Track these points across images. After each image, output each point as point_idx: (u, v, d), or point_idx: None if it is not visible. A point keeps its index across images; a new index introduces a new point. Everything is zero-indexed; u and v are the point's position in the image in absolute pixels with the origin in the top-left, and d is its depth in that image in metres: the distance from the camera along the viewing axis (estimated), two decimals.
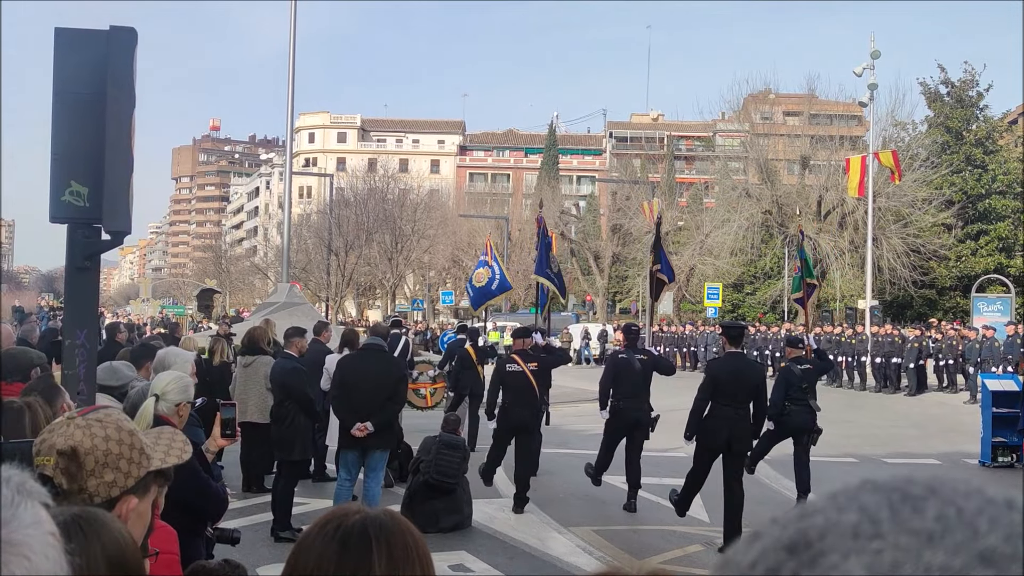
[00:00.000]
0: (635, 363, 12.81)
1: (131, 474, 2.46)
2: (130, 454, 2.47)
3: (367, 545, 1.65)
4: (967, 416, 22.44)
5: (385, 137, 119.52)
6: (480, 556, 10.17)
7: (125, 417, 2.62)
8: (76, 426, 2.46)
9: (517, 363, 12.66)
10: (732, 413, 11.01)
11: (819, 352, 14.44)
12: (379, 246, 69.43)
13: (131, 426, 2.56)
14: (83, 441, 2.42)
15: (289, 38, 29.89)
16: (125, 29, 5.65)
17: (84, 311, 6.03)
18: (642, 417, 12.65)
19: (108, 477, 2.42)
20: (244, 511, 11.72)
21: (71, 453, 2.40)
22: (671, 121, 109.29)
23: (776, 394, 12.64)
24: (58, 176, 5.67)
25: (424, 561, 1.72)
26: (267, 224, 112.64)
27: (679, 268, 58.89)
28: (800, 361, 13.34)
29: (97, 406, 2.90)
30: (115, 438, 2.46)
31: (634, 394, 12.68)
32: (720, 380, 11.14)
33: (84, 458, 2.40)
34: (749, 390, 11.15)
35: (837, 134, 55.68)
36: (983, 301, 39.97)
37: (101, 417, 2.51)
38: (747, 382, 11.17)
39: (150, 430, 2.79)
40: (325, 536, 1.67)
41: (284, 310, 24.85)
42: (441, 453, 11.45)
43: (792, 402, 12.78)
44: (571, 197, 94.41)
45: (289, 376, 11.27)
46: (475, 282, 18.20)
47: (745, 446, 11.32)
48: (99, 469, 2.41)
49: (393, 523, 1.71)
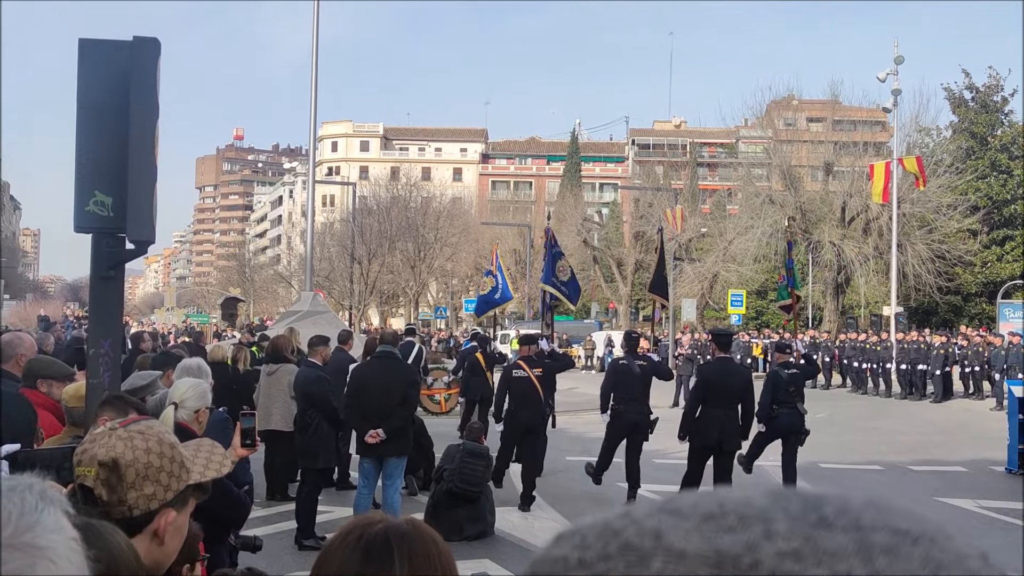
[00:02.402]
0: (634, 368, 13.32)
1: (171, 487, 2.46)
2: (171, 467, 2.47)
3: (389, 553, 1.65)
4: (993, 423, 22.26)
5: (407, 145, 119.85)
6: (504, 564, 10.15)
7: (167, 430, 2.62)
8: (118, 437, 2.45)
9: (523, 368, 13.28)
10: (722, 414, 11.81)
11: (806, 357, 15.31)
12: (402, 254, 69.58)
13: (172, 439, 2.56)
14: (124, 453, 2.41)
15: (312, 47, 30.01)
16: (148, 40, 5.68)
17: (109, 320, 6.06)
18: (641, 420, 13.10)
19: (148, 490, 2.41)
20: (268, 519, 11.75)
21: (112, 465, 2.39)
22: (694, 128, 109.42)
23: (764, 397, 13.35)
24: (82, 186, 5.70)
25: (448, 569, 1.72)
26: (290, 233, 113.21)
27: (702, 275, 58.83)
28: (788, 366, 13.95)
29: (138, 417, 2.90)
30: (156, 451, 2.45)
31: (633, 398, 13.16)
32: (710, 383, 11.97)
33: (125, 470, 2.39)
34: (737, 392, 11.96)
35: (861, 140, 55.40)
36: (1009, 307, 39.72)
37: (143, 429, 2.51)
38: (735, 385, 12.01)
39: (189, 442, 2.78)
40: (348, 545, 1.67)
41: (308, 318, 24.92)
42: (465, 461, 11.45)
43: (780, 405, 13.40)
44: (593, 204, 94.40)
45: (312, 384, 11.29)
46: (480, 290, 18.66)
47: (734, 445, 11.96)
48: (139, 482, 2.40)
49: (416, 532, 1.71)
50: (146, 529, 2.39)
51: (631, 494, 13.04)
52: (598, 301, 75.11)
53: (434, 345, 45.26)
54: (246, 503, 5.56)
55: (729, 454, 11.84)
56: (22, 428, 5.59)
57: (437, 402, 22.53)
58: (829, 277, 50.47)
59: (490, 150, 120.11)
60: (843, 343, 37.12)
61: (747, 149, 71.47)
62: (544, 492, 14.11)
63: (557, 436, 19.06)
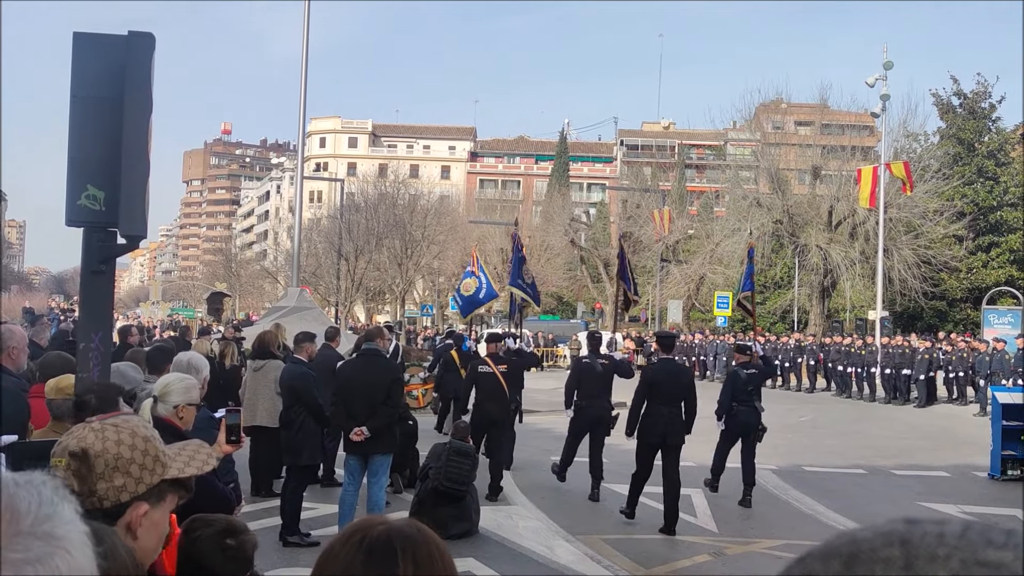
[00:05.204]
0: (596, 367, 14.15)
1: (143, 480, 2.46)
2: (143, 460, 2.47)
3: (393, 556, 1.65)
4: (976, 428, 22.38)
5: (396, 142, 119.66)
6: (488, 563, 10.17)
7: (145, 424, 2.63)
8: (91, 429, 2.47)
9: (489, 365, 14.21)
10: (666, 411, 12.35)
11: (765, 358, 15.97)
12: (389, 251, 69.42)
13: (148, 433, 2.55)
14: (94, 444, 2.43)
15: (302, 43, 29.99)
16: (144, 34, 5.67)
17: (99, 314, 6.04)
18: (603, 415, 13.88)
19: (118, 481, 2.42)
20: (253, 515, 11.72)
21: (82, 455, 2.41)
22: (682, 129, 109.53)
23: (723, 395, 14.14)
24: (75, 180, 5.68)
25: (449, 571, 1.72)
26: (277, 228, 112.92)
27: (689, 277, 58.95)
28: (746, 366, 14.48)
29: (117, 412, 2.91)
30: (128, 443, 2.46)
31: (595, 395, 13.97)
32: (655, 383, 12.46)
33: (94, 460, 2.41)
34: (680, 391, 12.50)
35: (849, 144, 55.52)
36: (994, 313, 39.84)
37: (118, 423, 2.52)
38: (678, 384, 12.58)
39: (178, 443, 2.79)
40: (350, 547, 1.67)
41: (294, 314, 24.88)
42: (451, 460, 11.46)
43: (739, 403, 14.01)
44: (581, 204, 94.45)
45: (298, 380, 11.29)
46: (463, 291, 19.46)
47: (679, 440, 12.40)
48: (109, 472, 2.41)
49: (418, 534, 1.72)
50: (119, 522, 2.39)
51: (594, 485, 13.71)
52: (584, 301, 75.19)
53: (420, 343, 45.23)
54: (232, 499, 5.53)
55: (674, 448, 12.30)
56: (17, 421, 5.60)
57: (415, 397, 22.85)
58: (815, 281, 50.59)
59: (478, 148, 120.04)
60: (828, 347, 37.21)
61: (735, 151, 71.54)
62: (529, 492, 14.16)
63: (542, 436, 19.13)
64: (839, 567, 0.77)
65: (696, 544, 11.46)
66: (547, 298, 76.53)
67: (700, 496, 14.02)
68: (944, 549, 0.74)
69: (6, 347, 6.64)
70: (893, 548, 0.76)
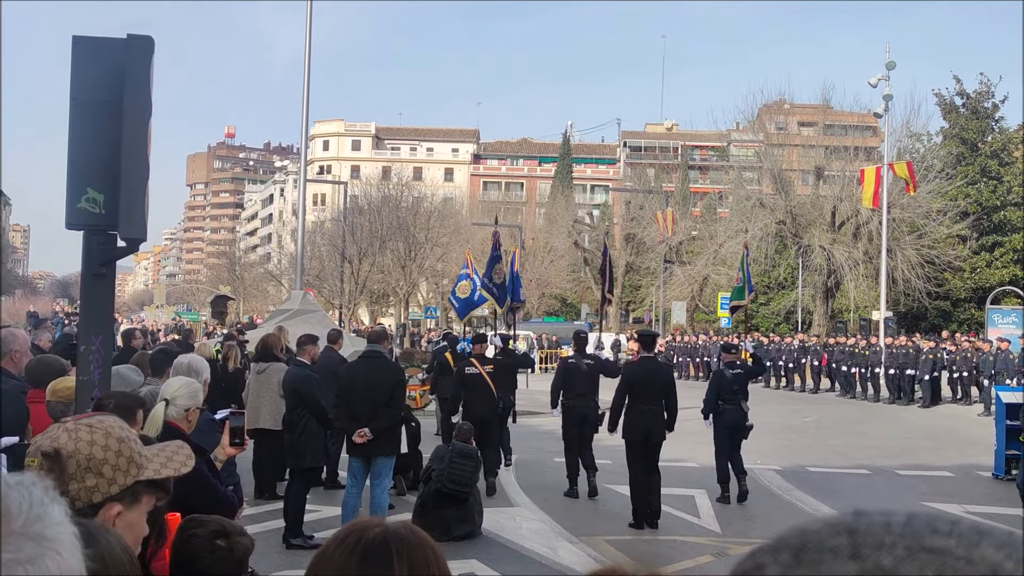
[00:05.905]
0: (582, 366, 14.41)
1: (116, 481, 2.44)
2: (116, 461, 2.45)
3: (388, 558, 1.65)
4: (981, 428, 22.33)
5: (399, 145, 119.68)
6: (491, 565, 10.16)
7: (121, 425, 2.59)
8: (64, 429, 2.46)
9: (475, 366, 14.54)
10: (648, 409, 12.57)
11: (755, 357, 16.41)
12: (392, 254, 69.44)
13: (123, 434, 2.53)
14: (67, 444, 2.42)
15: (305, 46, 30.05)
16: (143, 38, 5.67)
17: (99, 317, 6.04)
18: (589, 413, 14.16)
19: (90, 482, 2.40)
20: (256, 518, 11.73)
21: (54, 455, 2.40)
22: (685, 131, 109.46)
23: (709, 395, 14.51)
24: (74, 183, 5.68)
25: (444, 573, 1.72)
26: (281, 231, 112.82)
27: (692, 278, 58.96)
28: (732, 366, 14.79)
29: (92, 413, 2.90)
30: (101, 443, 2.44)
31: (582, 394, 14.20)
32: (635, 381, 12.71)
33: (66, 461, 2.39)
34: (660, 389, 12.73)
35: (852, 145, 55.53)
36: (998, 313, 39.79)
37: (92, 423, 2.51)
38: (659, 382, 12.78)
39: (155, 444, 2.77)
40: (345, 549, 1.67)
41: (297, 317, 24.89)
42: (454, 462, 11.45)
43: (725, 402, 14.30)
44: (584, 206, 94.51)
45: (301, 383, 11.29)
46: (459, 294, 19.64)
47: (660, 436, 12.63)
48: (80, 473, 2.40)
49: (414, 536, 1.72)
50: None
51: (590, 478, 13.91)
52: (588, 303, 75.14)
53: (424, 345, 45.19)
54: (233, 502, 5.53)
55: (656, 444, 12.56)
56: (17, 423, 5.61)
57: (412, 398, 22.95)
58: (819, 281, 50.58)
59: (482, 150, 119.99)
60: (832, 347, 37.15)
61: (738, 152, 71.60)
62: (532, 493, 14.16)
63: (544, 437, 19.11)
64: (788, 558, 0.79)
65: (699, 545, 11.45)
66: (550, 300, 76.61)
67: (704, 497, 14.01)
68: (890, 537, 0.76)
69: (8, 351, 6.65)
70: (840, 537, 0.78)
